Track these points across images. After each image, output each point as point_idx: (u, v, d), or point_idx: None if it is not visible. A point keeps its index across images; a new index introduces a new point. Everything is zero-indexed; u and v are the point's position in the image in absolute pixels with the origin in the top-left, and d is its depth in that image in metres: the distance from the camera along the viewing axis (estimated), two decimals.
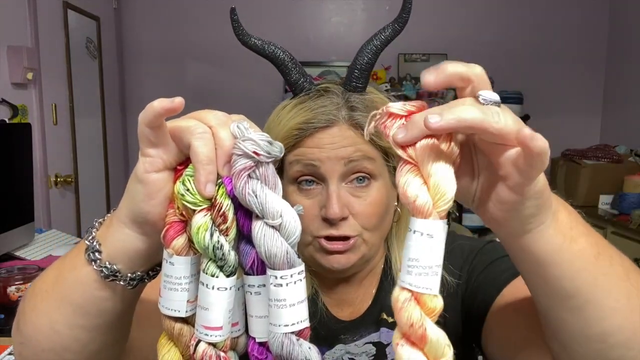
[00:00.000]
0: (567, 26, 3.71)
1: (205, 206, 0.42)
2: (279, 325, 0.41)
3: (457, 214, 3.36)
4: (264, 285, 0.43)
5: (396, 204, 0.76)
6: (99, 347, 0.52)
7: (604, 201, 3.06)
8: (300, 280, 0.41)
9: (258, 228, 0.41)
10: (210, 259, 0.42)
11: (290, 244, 0.42)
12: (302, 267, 0.42)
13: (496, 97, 0.40)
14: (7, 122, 2.15)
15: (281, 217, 0.41)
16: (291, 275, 0.41)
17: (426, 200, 0.38)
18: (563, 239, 0.44)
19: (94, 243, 0.48)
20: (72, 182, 2.68)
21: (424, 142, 0.39)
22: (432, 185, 0.39)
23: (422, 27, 3.44)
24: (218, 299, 0.42)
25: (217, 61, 3.61)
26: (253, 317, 0.45)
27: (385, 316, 0.77)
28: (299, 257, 0.42)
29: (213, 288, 0.42)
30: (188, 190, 0.42)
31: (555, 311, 0.48)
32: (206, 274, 0.42)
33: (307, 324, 0.42)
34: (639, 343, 0.46)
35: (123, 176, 3.62)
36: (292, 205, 0.68)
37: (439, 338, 0.38)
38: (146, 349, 0.60)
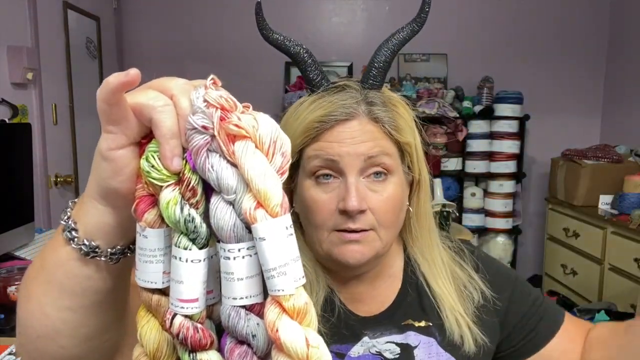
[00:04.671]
0: (567, 26, 3.71)
1: (173, 181, 0.41)
2: (228, 298, 0.41)
3: (457, 214, 3.36)
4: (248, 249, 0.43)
5: (408, 203, 0.76)
6: (91, 330, 0.51)
7: (604, 201, 3.06)
8: (250, 255, 0.41)
9: (214, 201, 0.41)
10: (182, 233, 0.41)
11: (243, 220, 0.40)
12: (251, 243, 0.41)
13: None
14: (7, 122, 2.15)
15: (235, 194, 0.40)
16: (239, 250, 0.40)
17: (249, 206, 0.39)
18: None
19: (70, 222, 0.47)
20: (72, 182, 2.68)
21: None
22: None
23: (423, 27, 3.44)
24: (192, 271, 0.41)
25: (217, 61, 3.61)
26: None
27: (411, 321, 0.77)
28: (249, 232, 0.40)
29: (187, 261, 0.41)
30: (153, 166, 0.41)
31: None
32: (178, 247, 0.41)
33: (258, 299, 0.42)
34: None
35: None
36: (309, 201, 0.68)
37: (294, 341, 0.38)
38: None
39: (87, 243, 0.47)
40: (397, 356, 0.76)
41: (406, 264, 0.81)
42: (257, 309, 0.42)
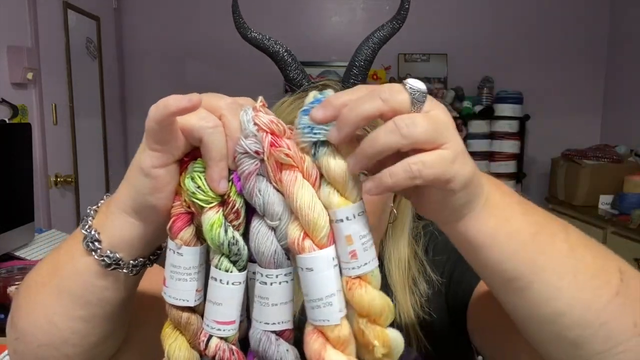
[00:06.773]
0: (567, 26, 3.71)
1: (216, 202, 0.41)
2: (260, 322, 0.41)
3: None
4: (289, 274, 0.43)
5: (392, 204, 0.75)
6: (98, 339, 0.51)
7: (604, 201, 3.06)
8: (287, 282, 0.41)
9: (255, 224, 0.41)
10: (224, 255, 0.41)
11: (283, 246, 0.41)
12: (289, 269, 0.41)
13: (423, 86, 0.40)
14: (7, 122, 2.15)
15: (279, 220, 0.41)
16: (276, 276, 0.41)
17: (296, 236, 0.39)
18: (496, 221, 0.43)
19: (92, 232, 0.46)
20: (72, 182, 2.68)
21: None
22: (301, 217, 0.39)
23: (422, 27, 3.44)
24: (231, 293, 0.41)
25: (217, 60, 3.60)
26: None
27: None
28: (289, 259, 0.41)
29: (228, 283, 0.41)
30: (199, 187, 0.41)
31: (503, 295, 0.46)
32: (219, 269, 0.41)
33: (288, 325, 0.42)
34: (594, 321, 0.43)
35: (123, 176, 3.61)
36: None
37: None
38: (145, 343, 0.59)
39: (110, 255, 0.46)
40: None
41: (379, 260, 0.79)
42: (286, 335, 0.42)
